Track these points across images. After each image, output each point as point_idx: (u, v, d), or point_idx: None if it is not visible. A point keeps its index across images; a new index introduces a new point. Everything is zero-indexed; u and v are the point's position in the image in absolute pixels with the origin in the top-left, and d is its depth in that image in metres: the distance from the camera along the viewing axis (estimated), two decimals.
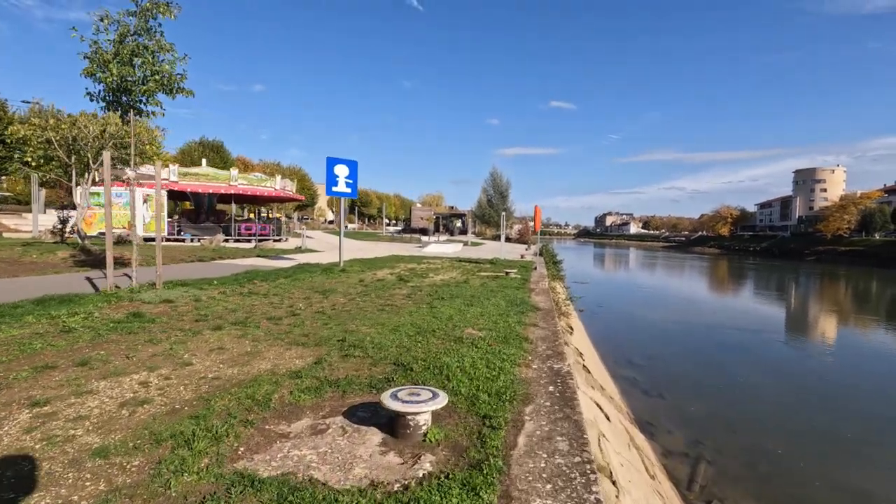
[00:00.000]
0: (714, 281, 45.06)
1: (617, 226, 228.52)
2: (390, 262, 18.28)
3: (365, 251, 25.85)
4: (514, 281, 13.08)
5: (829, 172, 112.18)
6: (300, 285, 9.97)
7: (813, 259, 79.49)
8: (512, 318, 7.34)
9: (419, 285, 10.68)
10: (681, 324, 22.84)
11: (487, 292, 9.85)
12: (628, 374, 15.18)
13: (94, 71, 7.04)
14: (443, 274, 14.36)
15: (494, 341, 5.69)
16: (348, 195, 14.94)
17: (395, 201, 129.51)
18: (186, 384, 3.96)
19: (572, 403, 4.12)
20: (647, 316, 24.53)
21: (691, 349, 18.00)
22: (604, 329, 20.49)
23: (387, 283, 11.03)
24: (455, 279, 12.82)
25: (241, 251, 20.90)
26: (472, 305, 8.06)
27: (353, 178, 14.98)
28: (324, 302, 8.02)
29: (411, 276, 12.83)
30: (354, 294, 8.97)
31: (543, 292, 11.60)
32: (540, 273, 17.00)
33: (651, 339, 19.70)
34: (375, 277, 12.21)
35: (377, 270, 14.35)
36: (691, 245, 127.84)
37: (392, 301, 8.30)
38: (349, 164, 14.91)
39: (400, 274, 13.43)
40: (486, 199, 66.06)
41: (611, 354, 17.13)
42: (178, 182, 28.62)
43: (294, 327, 6.01)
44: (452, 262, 19.65)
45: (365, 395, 3.89)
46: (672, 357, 17.10)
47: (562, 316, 15.20)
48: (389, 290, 9.75)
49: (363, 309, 7.50)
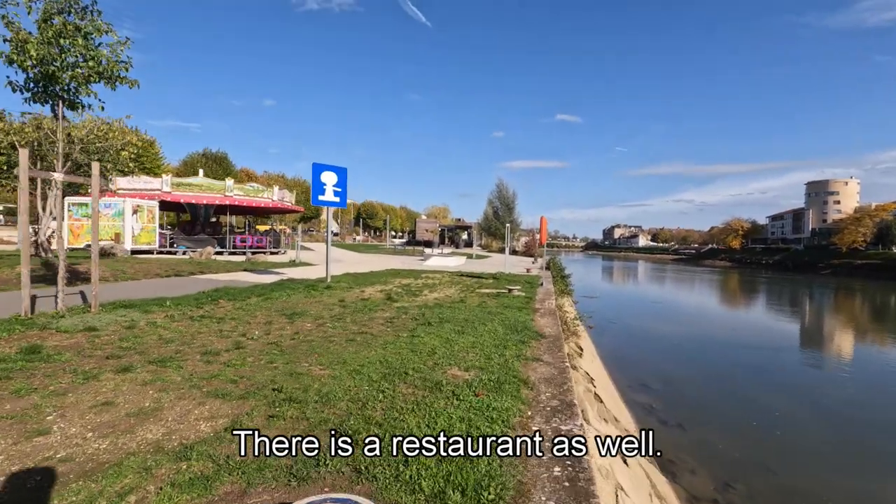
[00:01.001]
0: (728, 295, 43.33)
1: (625, 238, 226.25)
2: (385, 278, 17.00)
3: (363, 265, 24.61)
4: (516, 300, 11.74)
5: (843, 184, 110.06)
6: (269, 306, 8.70)
7: (828, 272, 77.46)
8: (510, 349, 6.01)
9: (407, 306, 9.36)
10: (697, 342, 21.39)
11: (484, 315, 8.53)
12: (643, 399, 13.81)
13: (12, 56, 5.89)
14: (439, 291, 13.05)
15: (483, 388, 4.36)
16: (336, 204, 13.71)
17: (401, 213, 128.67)
18: (13, 469, 2.67)
19: (588, 497, 2.78)
20: (660, 333, 23.08)
21: (710, 371, 16.58)
22: (615, 348, 19.12)
23: (371, 303, 9.72)
24: (451, 298, 11.51)
25: (230, 265, 19.72)
26: (464, 333, 6.74)
27: (341, 187, 13.76)
28: (286, 329, 6.73)
29: (402, 295, 11.54)
30: (327, 318, 7.67)
31: (550, 313, 10.24)
32: (546, 290, 15.63)
33: (666, 358, 18.30)
34: (361, 296, 10.92)
35: (367, 287, 13.07)
36: (702, 258, 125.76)
37: (368, 327, 6.99)
38: (338, 171, 13.70)
39: (391, 291, 12.13)
40: (492, 211, 64.77)
41: (624, 377, 15.78)
42: (172, 193, 27.59)
43: (228, 367, 4.70)
44: (452, 277, 18.35)
45: (278, 490, 2.59)
46: (690, 380, 15.69)
47: (571, 336, 13.83)
48: (371, 311, 8.45)
49: (329, 339, 6.19)
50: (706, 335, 22.99)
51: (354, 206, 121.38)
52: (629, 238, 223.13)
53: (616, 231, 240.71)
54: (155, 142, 49.15)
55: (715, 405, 13.14)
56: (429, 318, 7.76)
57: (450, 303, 10.30)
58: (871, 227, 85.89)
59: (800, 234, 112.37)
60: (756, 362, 17.71)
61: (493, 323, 7.70)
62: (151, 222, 25.84)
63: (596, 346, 18.36)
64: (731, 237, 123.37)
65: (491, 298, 11.79)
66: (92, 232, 7.05)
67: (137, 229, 24.85)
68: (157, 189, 27.44)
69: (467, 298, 11.46)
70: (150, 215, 25.77)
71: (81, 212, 24.44)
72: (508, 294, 12.97)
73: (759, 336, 23.69)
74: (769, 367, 17.23)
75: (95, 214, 7.45)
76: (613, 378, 15.31)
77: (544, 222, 15.96)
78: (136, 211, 24.70)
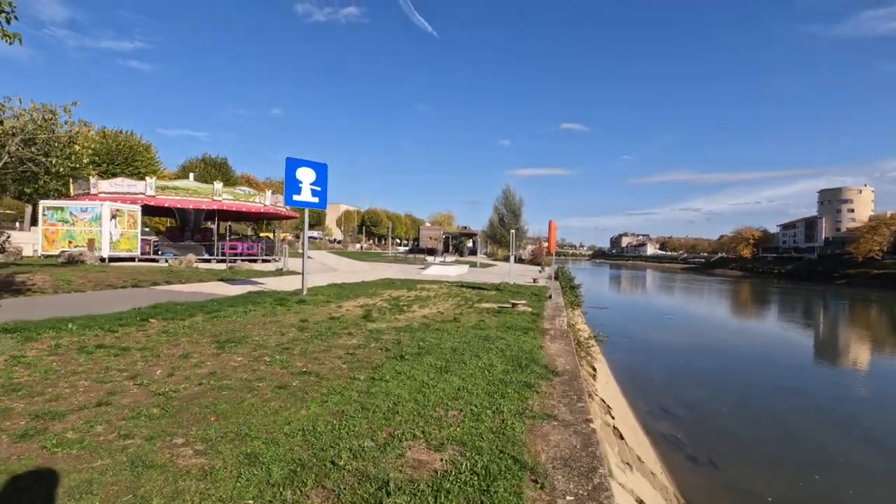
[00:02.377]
0: (745, 306, 41.15)
1: (633, 247, 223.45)
2: (374, 289, 15.18)
3: (357, 274, 22.83)
4: (521, 317, 9.88)
5: (857, 192, 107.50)
6: (208, 328, 6.89)
7: (843, 283, 75.10)
8: (510, 399, 4.19)
9: (383, 328, 7.52)
10: (717, 358, 19.49)
11: (480, 341, 6.70)
12: (666, 429, 11.99)
13: None
14: (431, 306, 11.22)
15: (463, 492, 2.55)
16: (315, 205, 11.94)
17: (406, 221, 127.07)
18: None
19: None
20: (677, 349, 21.18)
21: (735, 392, 14.81)
22: (630, 365, 17.30)
23: (341, 323, 7.89)
24: (443, 315, 9.67)
25: (208, 274, 17.97)
26: (448, 371, 4.92)
27: (321, 185, 12.00)
28: (204, 365, 4.92)
29: (385, 311, 9.71)
30: (271, 347, 5.85)
31: (562, 335, 8.38)
32: (556, 304, 13.75)
33: (685, 378, 16.49)
34: (334, 313, 9.11)
35: (347, 301, 11.27)
36: (711, 267, 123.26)
37: (319, 363, 5.16)
38: (316, 167, 11.95)
39: (373, 307, 10.31)
40: (497, 218, 63.01)
41: (642, 400, 13.96)
42: (156, 197, 25.97)
43: (42, 451, 2.89)
44: (450, 289, 16.52)
45: None
46: (714, 403, 14.01)
47: (584, 356, 11.95)
48: (334, 337, 6.62)
49: (252, 385, 4.35)
50: (726, 351, 21.08)
51: (359, 213, 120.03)
52: (637, 247, 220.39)
53: (623, 239, 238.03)
54: (150, 146, 47.73)
55: (744, 435, 11.38)
56: (405, 348, 5.93)
57: (440, 322, 8.48)
58: (888, 237, 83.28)
59: (812, 243, 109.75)
60: (786, 382, 15.94)
61: (489, 354, 5.87)
62: (133, 227, 24.20)
63: (609, 364, 16.53)
64: (742, 246, 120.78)
65: (491, 316, 9.94)
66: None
67: (116, 235, 23.19)
68: (140, 193, 25.84)
69: (462, 316, 9.62)
70: (132, 220, 24.13)
71: (57, 216, 22.84)
72: (512, 310, 11.12)
73: (785, 352, 21.71)
74: (801, 387, 15.44)
75: None
76: (631, 402, 13.53)
77: (553, 227, 14.13)
78: (114, 215, 23.06)
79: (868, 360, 20.25)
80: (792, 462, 9.98)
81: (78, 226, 22.74)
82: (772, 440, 11.11)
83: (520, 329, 8.26)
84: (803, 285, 70.66)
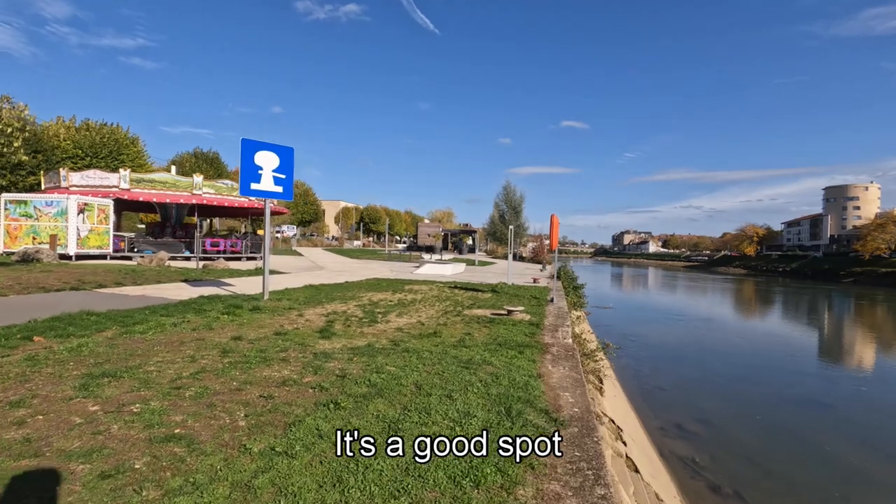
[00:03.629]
0: (756, 306, 39.37)
1: (635, 244, 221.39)
2: (354, 291, 13.52)
3: (344, 273, 21.16)
4: (517, 328, 8.20)
5: (863, 190, 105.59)
6: (102, 351, 5.20)
7: (850, 281, 73.52)
8: (487, 491, 2.56)
9: (338, 349, 5.83)
10: (733, 365, 17.96)
11: (459, 368, 5.04)
12: (683, 450, 10.49)
13: None
14: (413, 313, 9.55)
15: None
16: (279, 195, 10.25)
17: (406, 218, 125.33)
18: None
19: None
20: (688, 354, 19.58)
21: (757, 406, 13.54)
22: (638, 373, 15.80)
23: (287, 340, 6.22)
24: (423, 326, 8.00)
25: (175, 273, 16.31)
26: (399, 432, 3.25)
27: (285, 172, 10.30)
28: (27, 423, 3.27)
29: (353, 322, 8.04)
30: (165, 383, 4.16)
31: (567, 355, 6.69)
32: (559, 309, 12.03)
33: (701, 388, 15.00)
34: (289, 325, 7.44)
35: (315, 307, 9.59)
36: (715, 265, 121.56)
37: (209, 416, 3.45)
38: (280, 151, 10.25)
39: (340, 316, 8.64)
40: (498, 215, 61.22)
41: (654, 414, 12.40)
42: (130, 190, 24.27)
43: None
44: (441, 291, 14.85)
45: None
46: (732, 418, 12.33)
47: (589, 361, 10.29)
48: (262, 364, 4.91)
49: (64, 469, 2.70)
50: (742, 356, 19.48)
51: (357, 210, 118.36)
52: (639, 244, 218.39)
53: (626, 237, 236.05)
54: (137, 140, 45.99)
55: (771, 456, 10.02)
56: (349, 386, 4.24)
57: (415, 338, 6.81)
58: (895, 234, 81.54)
59: (818, 241, 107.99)
60: (811, 393, 14.49)
61: (467, 393, 4.20)
62: (104, 223, 22.52)
63: (618, 373, 14.93)
64: (746, 244, 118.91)
65: (481, 327, 8.27)
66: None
67: (85, 231, 21.50)
68: (113, 186, 24.15)
69: (446, 328, 7.94)
70: (103, 215, 22.43)
71: (20, 210, 21.17)
72: (507, 318, 9.44)
73: (807, 359, 20.07)
74: (828, 399, 13.89)
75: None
76: (642, 418, 11.95)
77: (555, 221, 12.43)
78: (82, 210, 21.37)
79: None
80: (827, 490, 8.50)
81: (42, 221, 21.07)
82: (801, 462, 9.87)
83: (514, 347, 6.59)
84: (809, 284, 69.07)
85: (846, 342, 24.15)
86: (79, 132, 40.83)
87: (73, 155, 38.70)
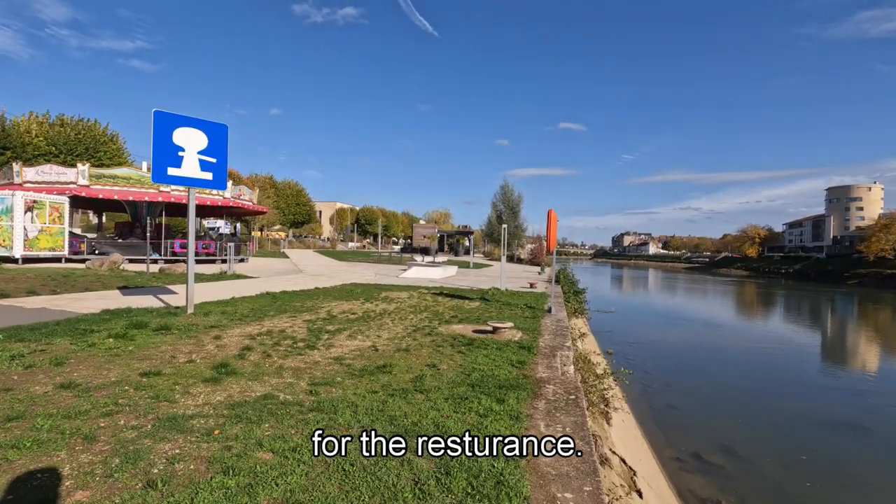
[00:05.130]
0: (762, 309, 37.32)
1: (635, 246, 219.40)
2: (319, 300, 11.52)
3: (321, 278, 19.13)
4: (503, 353, 6.19)
5: (866, 190, 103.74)
6: None
7: (855, 283, 71.62)
8: None
9: (216, 403, 3.82)
10: (749, 376, 16.31)
11: (391, 449, 3.05)
12: (705, 489, 8.66)
13: None
14: (374, 331, 7.54)
15: None
16: (208, 184, 8.23)
17: (403, 219, 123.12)
18: None
19: None
20: (697, 364, 17.73)
21: (781, 426, 11.90)
22: (646, 388, 14.25)
23: (158, 385, 4.22)
24: (379, 352, 6.00)
25: (118, 279, 14.28)
26: None
27: (216, 156, 8.27)
28: None
29: (282, 348, 6.03)
30: None
31: (568, 401, 4.65)
32: (557, 322, 9.93)
33: (715, 405, 13.55)
34: (194, 353, 5.45)
35: (256, 322, 7.60)
36: (716, 266, 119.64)
37: None
38: (210, 129, 8.22)
39: (273, 338, 6.63)
40: (496, 215, 59.21)
41: (667, 441, 10.61)
42: (90, 187, 22.23)
43: None
44: (423, 299, 12.84)
45: None
46: (760, 447, 10.24)
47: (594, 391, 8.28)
48: (37, 450, 2.93)
49: None
50: (756, 366, 17.69)
51: (353, 211, 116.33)
52: (639, 246, 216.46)
53: (625, 238, 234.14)
54: (117, 136, 43.87)
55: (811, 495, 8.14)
56: (198, 492, 2.27)
57: (353, 375, 4.82)
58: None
59: (820, 242, 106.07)
60: (843, 412, 12.84)
61: None
62: (58, 222, 20.48)
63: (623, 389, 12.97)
64: (747, 245, 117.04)
65: (455, 352, 6.26)
66: None
67: (34, 231, 19.46)
68: (71, 182, 22.13)
69: (406, 356, 5.92)
70: (56, 214, 20.39)
71: None
72: (492, 337, 7.43)
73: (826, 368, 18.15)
74: (864, 420, 12.04)
75: None
76: (654, 447, 10.00)
77: (553, 217, 10.39)
78: (30, 208, 19.32)
79: None
80: None
81: None
82: None
83: (493, 389, 4.58)
84: (813, 286, 67.18)
85: (869, 350, 22.12)
86: (52, 128, 38.68)
87: (47, 152, 36.56)
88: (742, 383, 15.24)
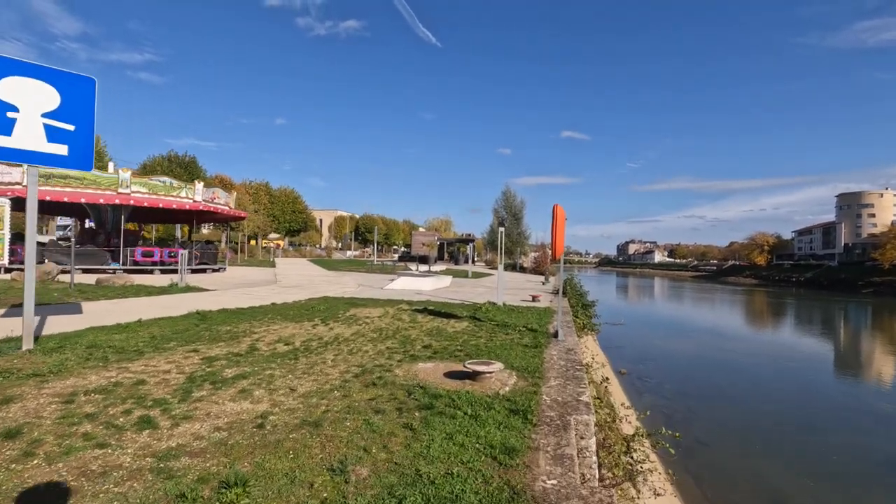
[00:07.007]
0: (779, 321, 34.50)
1: (640, 254, 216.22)
2: (262, 321, 8.99)
3: (295, 290, 16.57)
4: (477, 436, 3.56)
5: (878, 196, 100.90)
6: None
7: (870, 291, 68.79)
8: None
9: None
10: (782, 401, 13.73)
11: None
12: None
13: None
14: (303, 374, 5.02)
15: None
16: (61, 161, 5.75)
17: (404, 227, 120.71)
18: None
19: None
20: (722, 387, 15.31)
21: (831, 473, 9.18)
22: (669, 418, 11.64)
23: None
24: (273, 426, 3.47)
25: (38, 293, 11.79)
26: None
27: (77, 123, 5.78)
28: None
29: (119, 417, 3.52)
30: None
31: None
32: (567, 355, 7.20)
33: (750, 442, 10.64)
34: None
35: (145, 359, 5.12)
36: (724, 275, 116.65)
37: None
38: (63, 82, 5.73)
39: (130, 386, 4.11)
40: (498, 222, 56.75)
41: (704, 496, 7.96)
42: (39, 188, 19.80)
43: None
44: (397, 318, 10.28)
45: None
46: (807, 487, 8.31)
47: (623, 467, 5.71)
48: None
49: None
50: (789, 392, 15.29)
51: (353, 219, 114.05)
52: (644, 254, 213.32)
53: (630, 247, 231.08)
54: (98, 139, 41.62)
55: None
56: None
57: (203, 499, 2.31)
58: None
59: (831, 250, 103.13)
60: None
61: None
62: None
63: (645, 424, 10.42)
64: (756, 253, 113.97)
65: (398, 426, 3.69)
66: None
67: None
68: (15, 182, 19.73)
69: (310, 439, 3.39)
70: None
71: None
72: (470, 385, 4.87)
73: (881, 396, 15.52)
74: None
75: None
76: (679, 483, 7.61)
77: (559, 214, 7.72)
78: None
79: None
80: None
81: None
82: None
83: None
84: (827, 294, 64.38)
85: None
86: None
87: None
88: (781, 411, 12.85)
